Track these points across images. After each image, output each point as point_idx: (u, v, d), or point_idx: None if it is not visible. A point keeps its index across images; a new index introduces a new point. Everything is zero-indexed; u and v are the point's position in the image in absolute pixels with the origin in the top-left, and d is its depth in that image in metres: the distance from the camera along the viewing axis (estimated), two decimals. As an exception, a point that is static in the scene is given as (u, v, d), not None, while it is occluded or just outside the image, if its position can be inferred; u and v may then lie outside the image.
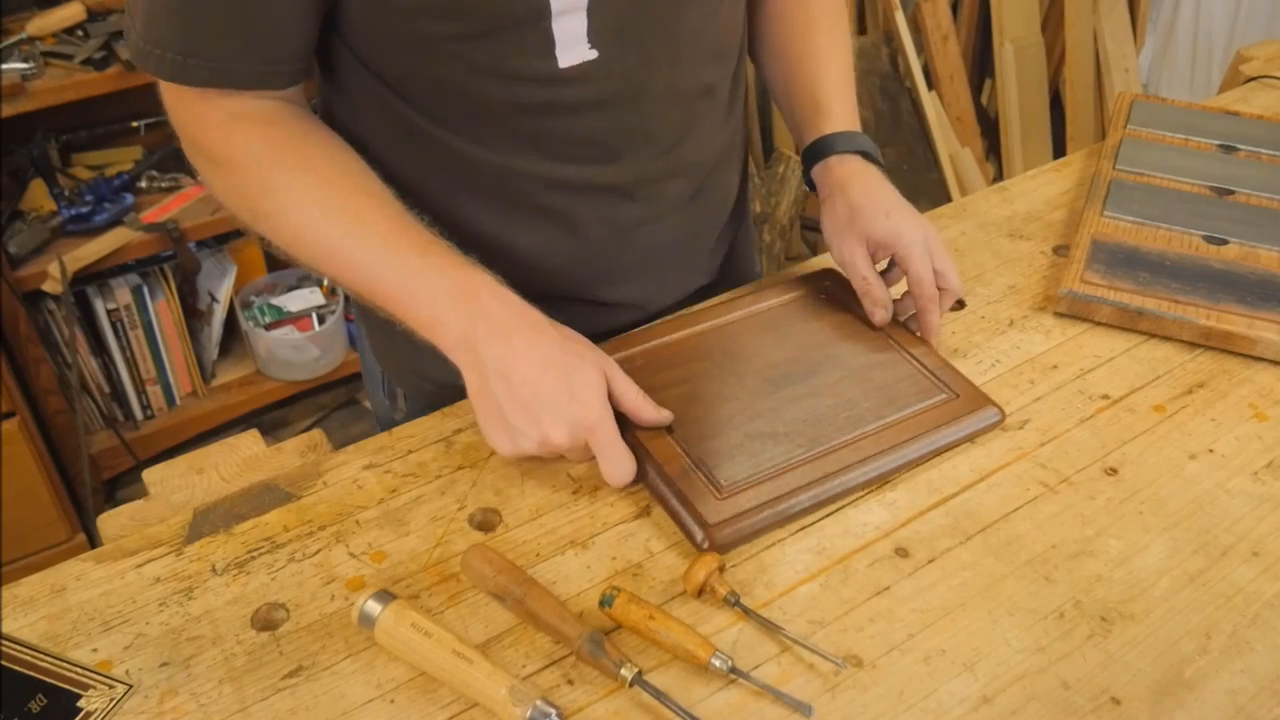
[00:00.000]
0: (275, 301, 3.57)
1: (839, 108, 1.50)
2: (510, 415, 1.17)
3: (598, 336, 1.32)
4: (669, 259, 1.52)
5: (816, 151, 1.49)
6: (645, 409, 1.24)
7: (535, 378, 1.16)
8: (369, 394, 1.79)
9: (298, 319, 3.56)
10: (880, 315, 1.43)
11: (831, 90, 1.51)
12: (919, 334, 1.43)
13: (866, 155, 1.47)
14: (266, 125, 1.26)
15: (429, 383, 1.55)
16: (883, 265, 1.46)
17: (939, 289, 1.40)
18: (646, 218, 1.47)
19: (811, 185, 1.51)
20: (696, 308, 1.51)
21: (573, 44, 1.25)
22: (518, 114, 1.31)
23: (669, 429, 1.28)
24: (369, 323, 1.62)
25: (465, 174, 1.35)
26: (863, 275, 1.42)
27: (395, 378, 1.64)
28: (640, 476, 1.24)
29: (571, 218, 1.40)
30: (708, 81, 1.43)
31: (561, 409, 1.16)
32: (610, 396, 1.21)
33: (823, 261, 1.59)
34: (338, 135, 1.31)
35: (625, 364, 1.35)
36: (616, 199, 1.43)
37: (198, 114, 1.28)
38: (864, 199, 1.42)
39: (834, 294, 1.50)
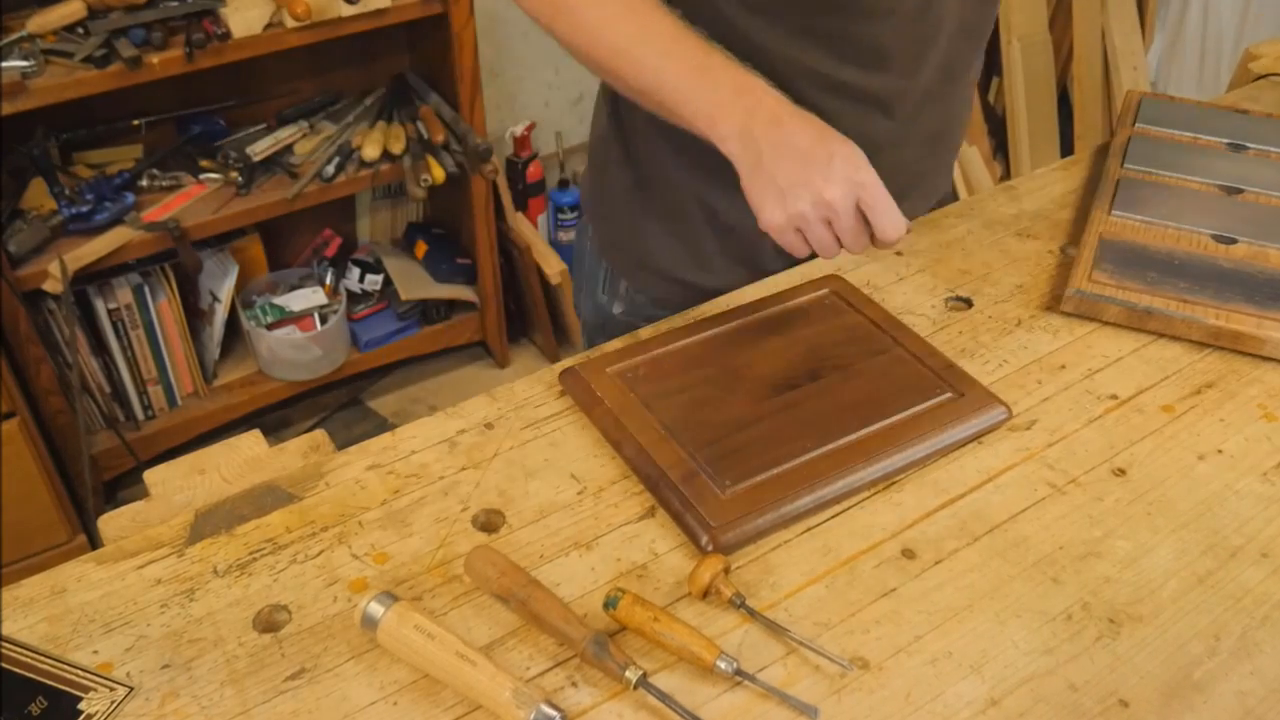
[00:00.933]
0: (277, 301, 3.57)
1: None
2: (783, 180, 1.30)
3: None
4: (901, 189, 1.53)
5: None
6: (904, 229, 1.35)
7: (807, 147, 1.30)
8: (579, 301, 1.91)
9: (300, 318, 3.56)
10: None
11: None
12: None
13: None
14: None
15: (656, 275, 1.70)
16: None
17: None
18: (896, 139, 1.55)
19: None
20: (701, 315, 1.52)
21: None
22: (822, 11, 1.41)
23: (672, 434, 1.28)
24: (601, 219, 1.76)
25: (750, 62, 1.40)
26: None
27: (622, 272, 1.76)
28: (644, 480, 1.25)
29: (829, 123, 1.44)
30: (981, 24, 1.55)
31: (834, 168, 1.29)
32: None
33: (824, 267, 1.59)
34: None
35: (629, 372, 1.36)
36: (876, 113, 1.51)
37: None
38: None
39: (837, 299, 1.50)
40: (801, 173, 1.29)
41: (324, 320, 3.59)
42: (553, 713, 0.98)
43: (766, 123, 1.30)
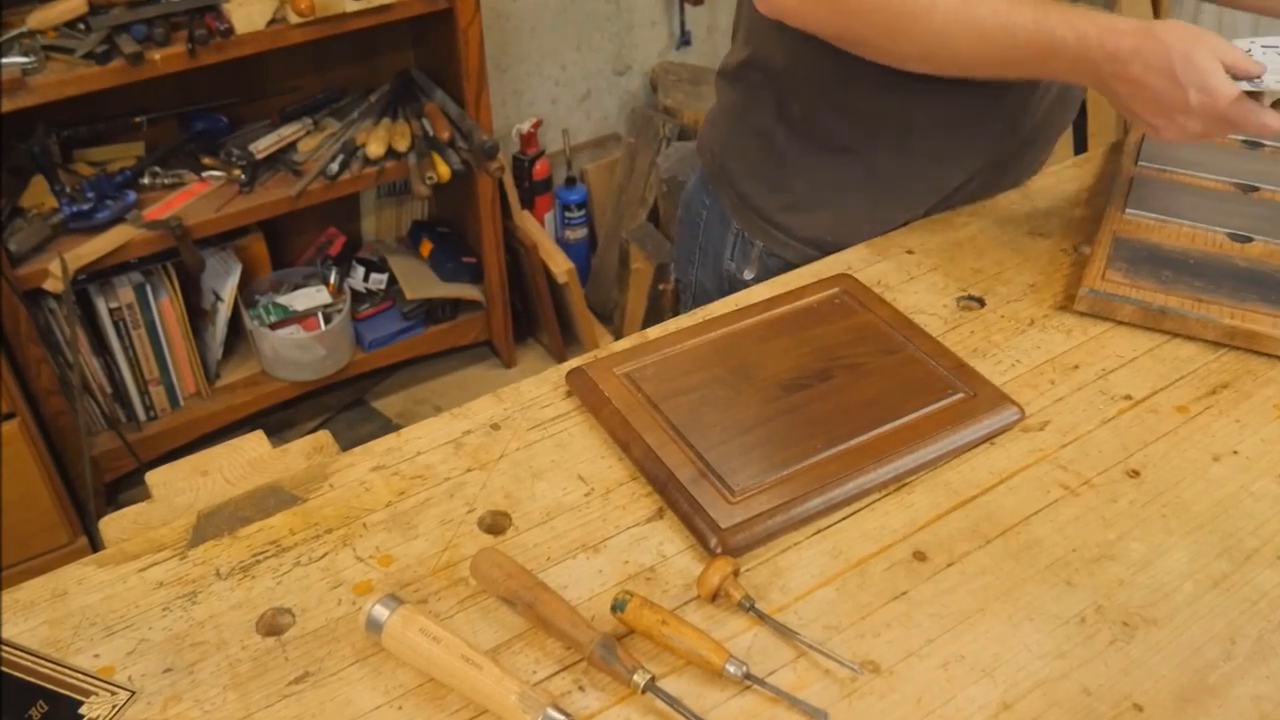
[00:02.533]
0: (281, 300, 3.57)
1: None
2: (1148, 118, 1.39)
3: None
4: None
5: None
6: (1257, 120, 1.38)
7: (1157, 86, 1.35)
8: (688, 275, 1.97)
9: (303, 318, 3.56)
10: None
11: None
12: None
13: None
14: None
15: (792, 236, 1.75)
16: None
17: None
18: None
19: None
20: (708, 315, 1.52)
21: None
22: None
23: (681, 435, 1.28)
24: (732, 180, 1.80)
25: None
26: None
27: (757, 234, 1.80)
28: (653, 482, 1.25)
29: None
30: None
31: (1190, 105, 1.35)
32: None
33: (832, 267, 1.59)
34: None
35: (636, 373, 1.36)
36: None
37: None
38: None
39: (847, 298, 1.50)
40: (1162, 114, 1.37)
41: (328, 320, 3.59)
42: (559, 717, 0.98)
43: (1112, 67, 1.37)
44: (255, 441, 1.36)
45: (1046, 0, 1.40)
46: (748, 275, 1.80)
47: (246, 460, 1.33)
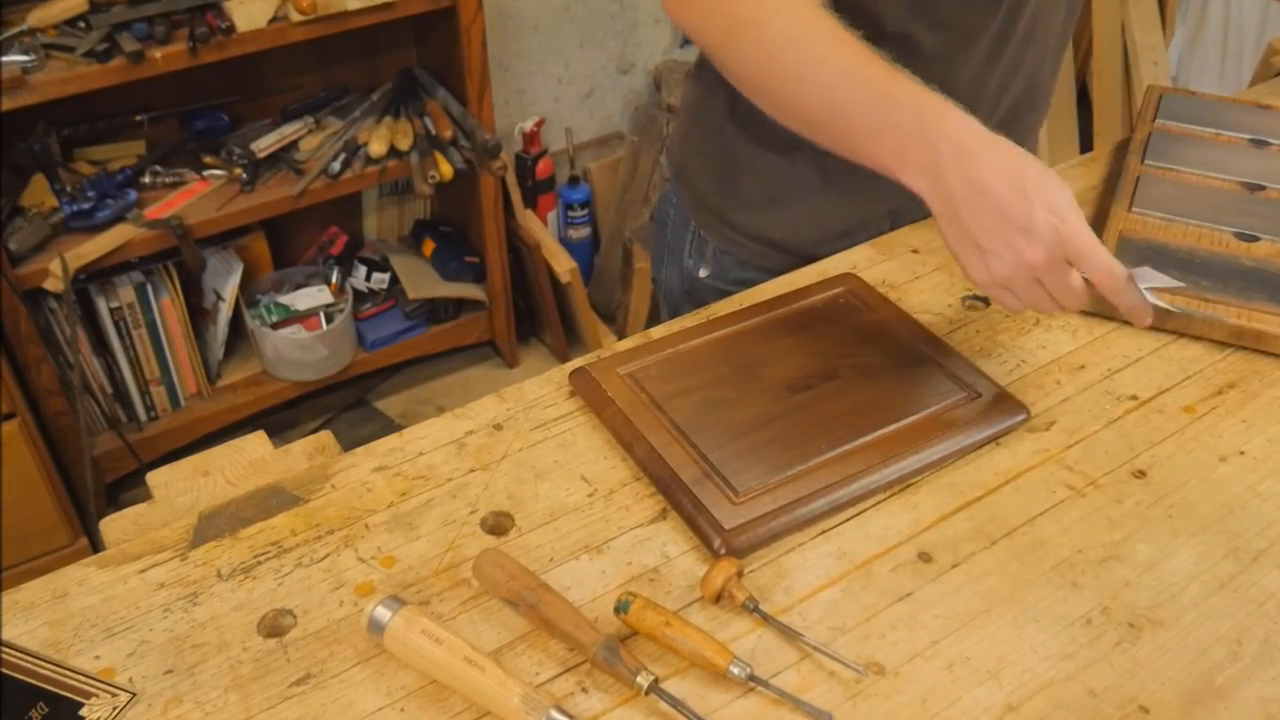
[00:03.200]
0: (282, 300, 3.57)
1: None
2: (982, 238, 1.19)
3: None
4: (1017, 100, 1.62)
5: None
6: (1120, 278, 1.21)
7: (1003, 195, 1.17)
8: (659, 274, 1.95)
9: (305, 318, 3.56)
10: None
11: None
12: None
13: None
14: None
15: (743, 234, 1.74)
16: None
17: None
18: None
19: None
20: (714, 314, 1.52)
21: None
22: None
23: (685, 435, 1.28)
24: (690, 177, 1.78)
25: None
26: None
27: (710, 232, 1.78)
28: (656, 483, 1.25)
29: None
30: None
31: (1035, 221, 1.15)
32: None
33: (837, 266, 1.60)
34: None
35: (640, 373, 1.36)
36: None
37: None
38: None
39: (852, 298, 1.50)
40: (1001, 230, 1.17)
41: (330, 319, 3.59)
42: (563, 719, 0.98)
43: (956, 160, 1.19)
44: (257, 442, 1.36)
45: (901, 70, 1.27)
46: (703, 273, 1.81)
47: (248, 461, 1.33)
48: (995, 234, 1.17)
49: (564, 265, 3.84)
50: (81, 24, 2.85)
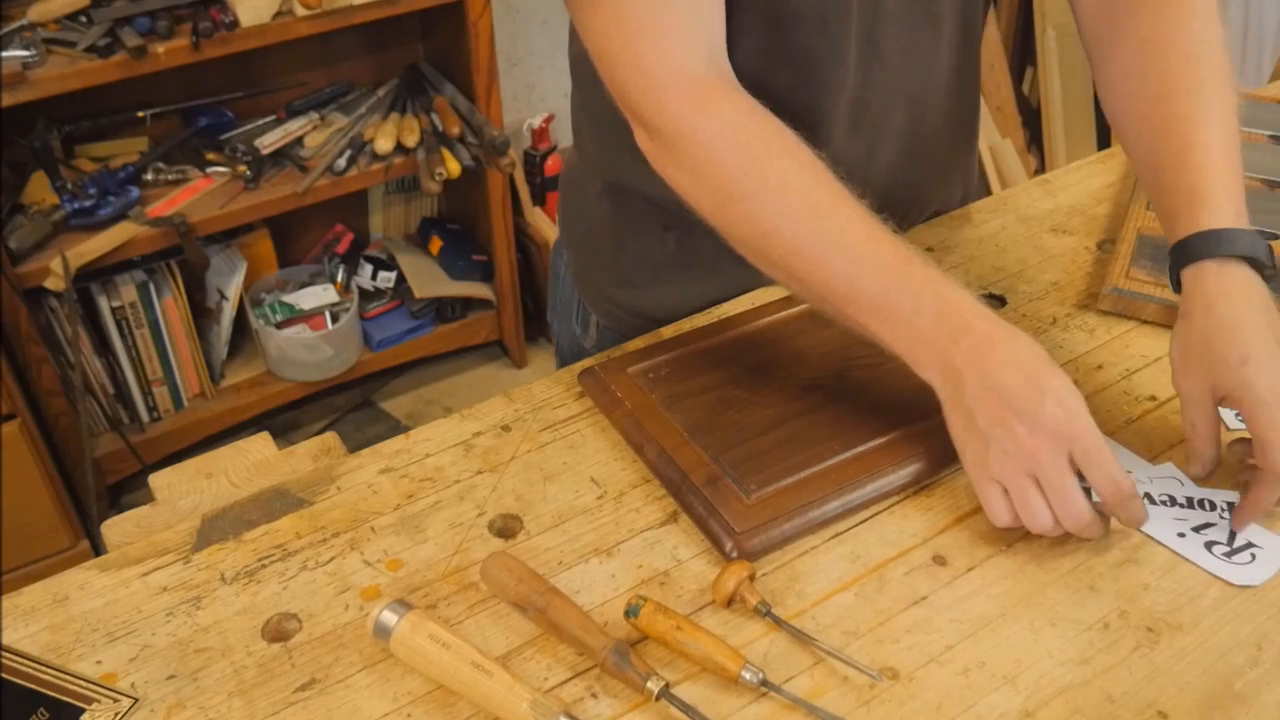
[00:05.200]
0: (287, 299, 3.57)
1: (1223, 193, 1.29)
2: (984, 420, 1.14)
3: None
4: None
5: (1189, 251, 1.27)
6: (1127, 490, 1.14)
7: (1013, 383, 1.13)
8: (555, 327, 1.88)
9: (310, 317, 3.56)
10: (1194, 469, 1.25)
11: (1213, 170, 1.30)
12: (1244, 509, 1.22)
13: (1254, 263, 1.25)
14: (733, 91, 1.27)
15: (622, 310, 1.66)
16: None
17: None
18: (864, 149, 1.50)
19: (1177, 286, 1.31)
20: (724, 314, 1.52)
21: None
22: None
23: (696, 437, 1.28)
24: (573, 246, 1.73)
25: None
26: (1190, 420, 1.24)
27: (591, 304, 1.72)
28: (667, 485, 1.25)
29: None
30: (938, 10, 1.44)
31: (1044, 410, 1.12)
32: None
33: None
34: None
35: (650, 373, 1.36)
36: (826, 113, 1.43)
37: (647, 82, 1.27)
38: (1225, 332, 1.21)
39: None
40: (1005, 416, 1.13)
41: (335, 319, 3.59)
42: (571, 724, 0.98)
43: (971, 350, 1.15)
44: (261, 443, 1.36)
45: (914, 253, 1.21)
46: (587, 344, 1.75)
47: (252, 462, 1.33)
48: (998, 420, 1.13)
49: (573, 264, 3.83)
50: (83, 18, 2.85)
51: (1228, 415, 1.33)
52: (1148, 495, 1.25)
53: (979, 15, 1.54)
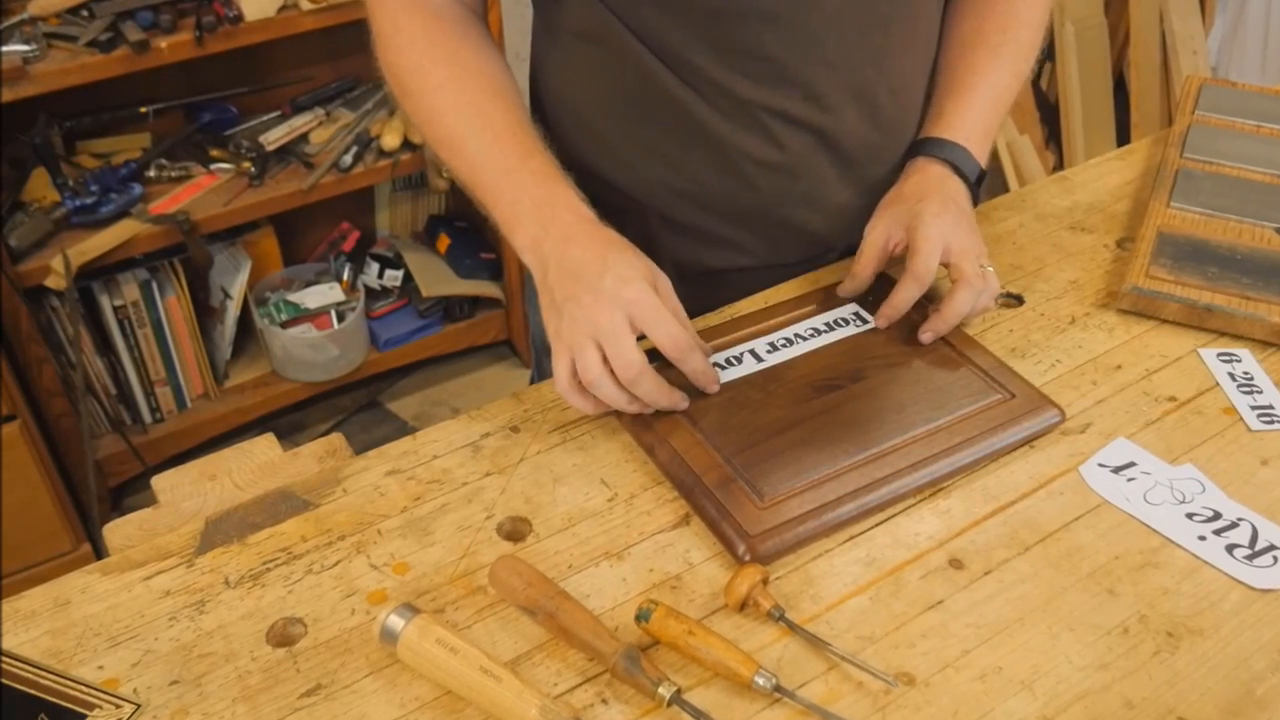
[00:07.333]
0: (292, 298, 3.57)
1: (965, 120, 1.53)
2: (558, 295, 1.29)
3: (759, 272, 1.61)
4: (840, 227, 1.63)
5: (915, 148, 1.55)
6: (684, 343, 1.30)
7: (583, 262, 1.28)
8: (531, 317, 1.93)
9: (316, 316, 3.56)
10: (845, 285, 1.51)
11: (968, 105, 1.54)
12: (887, 305, 1.44)
13: (960, 173, 1.50)
14: (431, 16, 1.46)
15: None
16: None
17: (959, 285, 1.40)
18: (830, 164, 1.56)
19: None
20: (736, 313, 1.52)
21: None
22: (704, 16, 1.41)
23: (708, 438, 1.28)
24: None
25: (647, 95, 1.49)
26: (861, 250, 1.48)
27: (540, 337, 1.72)
28: (678, 487, 1.25)
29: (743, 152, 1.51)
30: (897, 14, 1.48)
31: (604, 283, 1.26)
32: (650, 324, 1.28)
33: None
34: (492, 42, 1.52)
35: (663, 374, 1.36)
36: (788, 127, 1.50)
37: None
38: (914, 190, 1.48)
39: (878, 299, 1.49)
40: (573, 288, 1.28)
41: (341, 318, 3.59)
42: (581, 731, 0.98)
43: (558, 239, 1.32)
44: (265, 445, 1.36)
45: (536, 152, 1.40)
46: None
47: (256, 464, 1.33)
48: (570, 294, 1.27)
49: (582, 262, 3.82)
50: (84, 12, 2.86)
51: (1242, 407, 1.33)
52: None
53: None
